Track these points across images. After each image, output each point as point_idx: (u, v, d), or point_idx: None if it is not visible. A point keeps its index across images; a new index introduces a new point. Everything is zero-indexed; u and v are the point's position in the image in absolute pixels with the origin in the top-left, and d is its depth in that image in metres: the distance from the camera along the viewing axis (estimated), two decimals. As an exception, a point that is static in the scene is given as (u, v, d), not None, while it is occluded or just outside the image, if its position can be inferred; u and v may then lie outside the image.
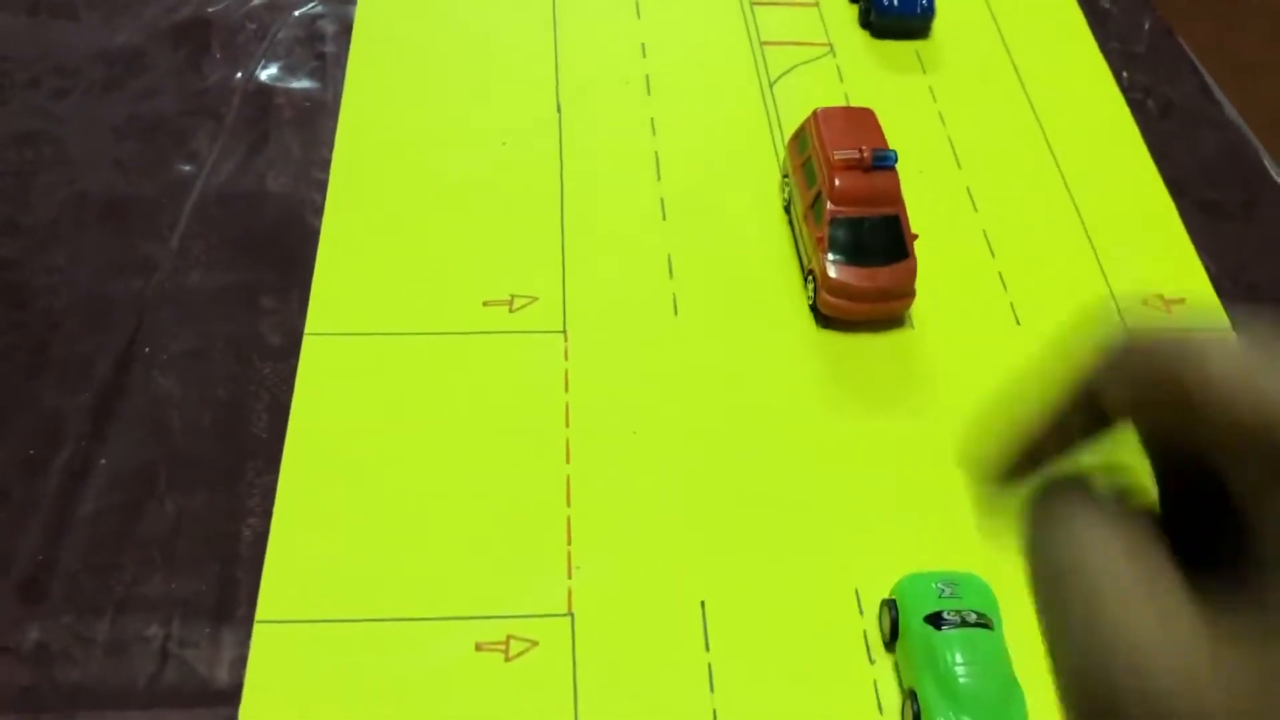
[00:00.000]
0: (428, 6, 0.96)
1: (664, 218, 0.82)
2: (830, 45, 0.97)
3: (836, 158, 0.76)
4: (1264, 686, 0.21)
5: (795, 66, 0.95)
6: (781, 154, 0.87)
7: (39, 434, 0.67)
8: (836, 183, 0.76)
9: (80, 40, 0.90)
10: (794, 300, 0.78)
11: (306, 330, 0.73)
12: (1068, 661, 0.23)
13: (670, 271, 0.79)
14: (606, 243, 0.80)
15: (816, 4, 1.00)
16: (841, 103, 0.92)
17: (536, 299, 0.77)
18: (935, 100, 0.93)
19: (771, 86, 0.93)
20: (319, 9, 0.95)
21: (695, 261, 0.80)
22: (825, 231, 0.75)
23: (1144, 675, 0.21)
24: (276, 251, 0.78)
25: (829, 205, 0.76)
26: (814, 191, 0.78)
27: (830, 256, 0.75)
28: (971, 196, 0.86)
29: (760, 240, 0.82)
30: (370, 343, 0.73)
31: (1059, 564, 0.25)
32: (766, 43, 0.96)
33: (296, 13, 0.94)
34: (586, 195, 0.83)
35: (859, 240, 0.75)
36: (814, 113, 0.80)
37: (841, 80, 0.94)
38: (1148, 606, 0.22)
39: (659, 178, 0.85)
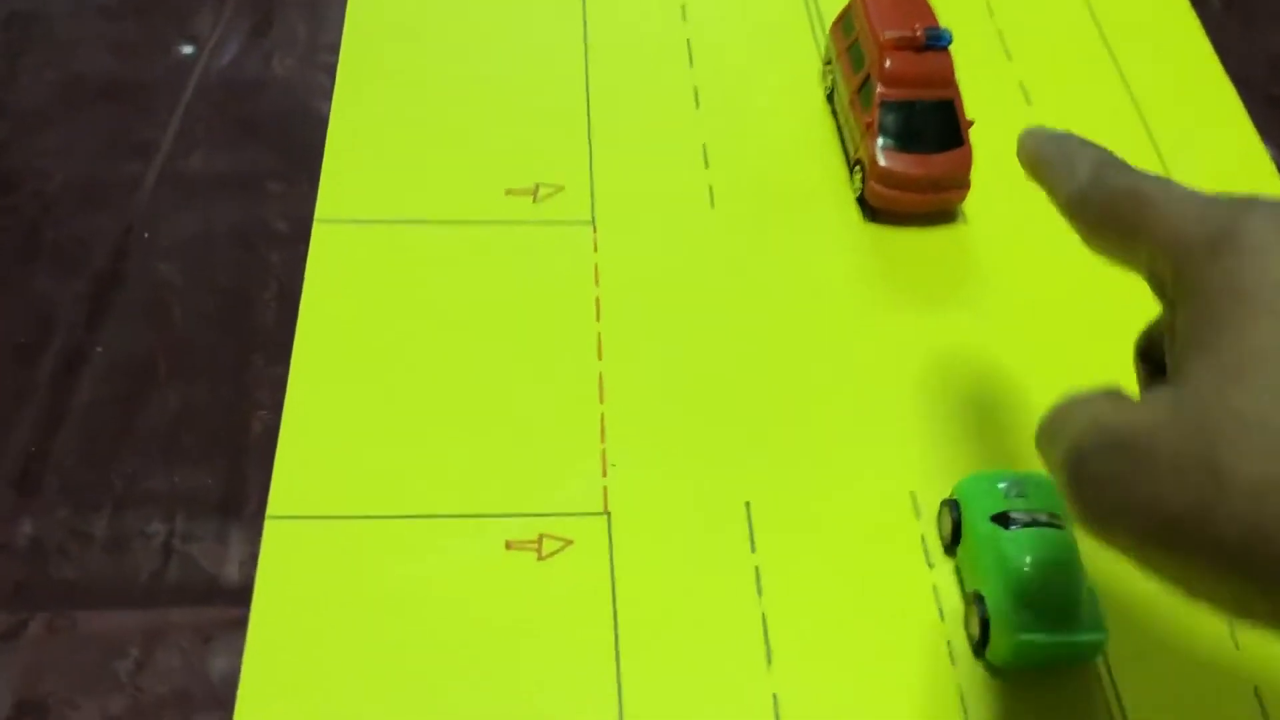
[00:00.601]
0: None
1: (697, 106, 0.77)
2: (872, -65, 0.91)
3: (886, 37, 0.70)
4: (1178, 429, 0.33)
5: (834, -45, 0.89)
6: (821, 41, 0.82)
7: (30, 321, 0.62)
8: (887, 64, 0.70)
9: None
10: (839, 192, 0.73)
11: (316, 216, 0.68)
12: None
13: (705, 161, 0.74)
14: (636, 131, 0.75)
15: (855, -108, 0.94)
16: None
17: (562, 188, 0.71)
18: (985, -6, 0.88)
19: (812, -19, 0.87)
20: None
21: (732, 151, 0.74)
22: (875, 116, 0.70)
23: (1106, 430, 0.37)
24: (283, 136, 0.72)
25: (879, 88, 0.70)
26: (861, 75, 0.72)
27: (880, 143, 0.70)
28: (1024, 89, 0.81)
29: (801, 130, 0.76)
30: (385, 230, 0.68)
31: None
32: (802, -68, 0.91)
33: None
34: (614, 80, 0.77)
35: (911, 125, 0.70)
36: (860, -8, 0.75)
37: (884, -30, 0.88)
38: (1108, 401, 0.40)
39: (691, 64, 0.79)
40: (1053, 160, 0.48)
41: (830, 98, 0.77)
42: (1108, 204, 0.43)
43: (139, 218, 0.67)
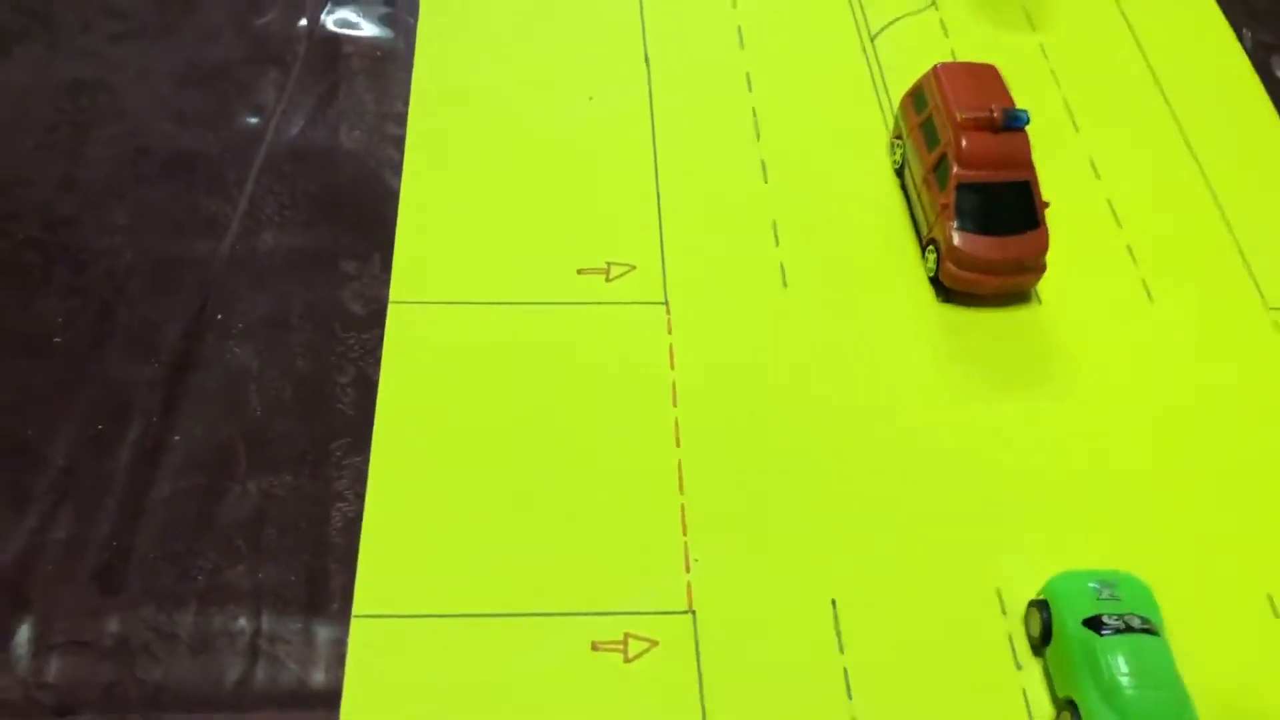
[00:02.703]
0: None
1: (765, 180, 0.76)
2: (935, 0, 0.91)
3: (963, 117, 0.70)
4: None
5: (897, 20, 0.88)
6: (887, 113, 0.81)
7: (106, 409, 0.61)
8: (964, 144, 0.70)
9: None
10: (911, 271, 0.72)
11: (391, 298, 0.67)
12: None
13: (776, 239, 0.73)
14: (706, 206, 0.74)
15: (916, -46, 0.94)
16: (948, 58, 0.86)
17: (634, 267, 0.71)
18: (1047, 58, 0.87)
19: (873, 40, 0.86)
20: (386, -48, 0.89)
21: (802, 228, 0.74)
22: (951, 197, 0.69)
23: None
24: (354, 212, 0.72)
25: (956, 168, 0.70)
26: (937, 153, 0.72)
27: (956, 224, 0.69)
28: (1093, 163, 0.80)
29: (871, 206, 0.76)
30: (459, 312, 0.67)
31: None
32: (866, -6, 0.90)
33: (362, -44, 0.88)
34: (681, 154, 0.77)
35: (988, 207, 0.69)
36: (934, 68, 0.74)
37: (946, 35, 0.88)
38: None
39: (758, 137, 0.79)
40: None
41: (900, 172, 0.77)
42: None
43: (211, 297, 0.67)
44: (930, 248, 0.72)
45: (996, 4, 0.90)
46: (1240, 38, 0.90)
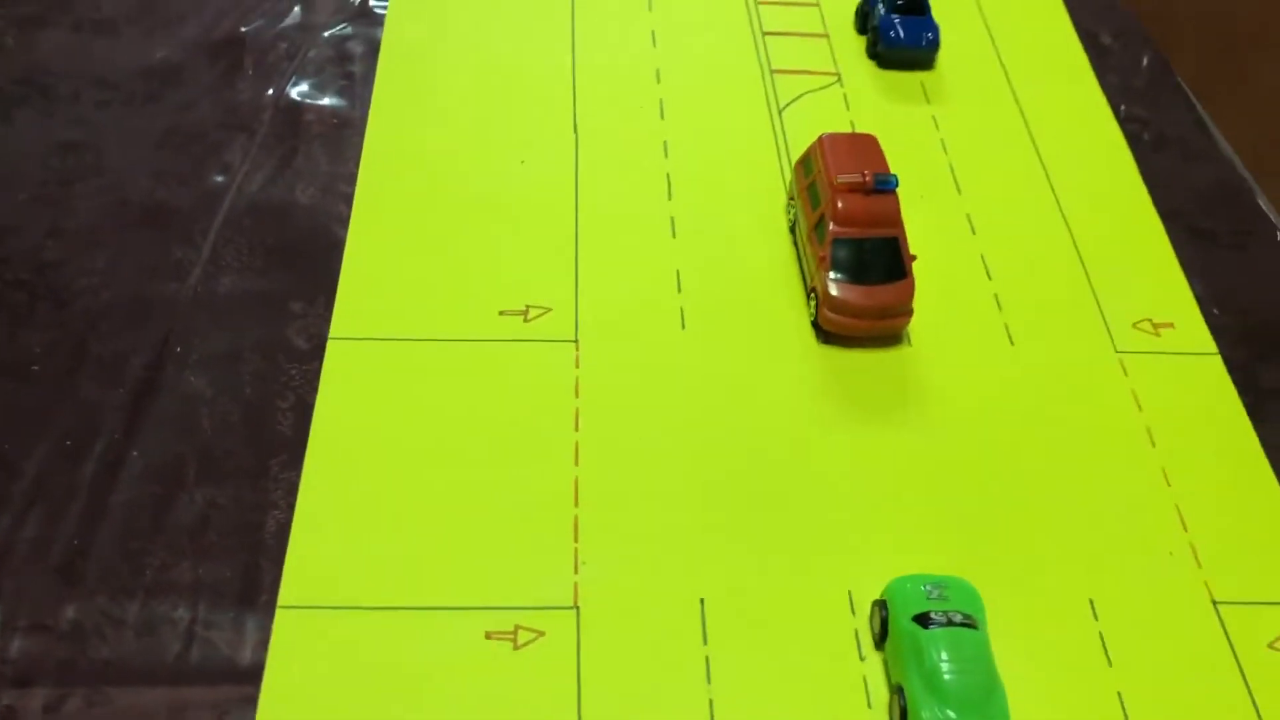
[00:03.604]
0: (452, 31, 1.00)
1: (674, 235, 0.86)
2: (838, 74, 1.01)
3: (840, 181, 0.79)
4: None
5: (804, 94, 0.99)
6: (788, 175, 0.91)
7: (77, 427, 0.71)
8: (839, 205, 0.79)
9: (120, 55, 0.94)
10: (797, 316, 0.81)
11: (331, 334, 0.77)
12: None
13: (679, 286, 0.82)
14: (619, 258, 0.84)
15: (826, 35, 1.04)
16: (847, 129, 0.95)
17: (550, 309, 0.80)
18: (938, 129, 0.97)
19: (780, 113, 0.96)
20: (348, 30, 0.99)
21: (703, 278, 0.83)
22: (828, 251, 0.79)
23: None
24: (304, 260, 0.81)
25: (832, 226, 0.79)
26: (818, 213, 0.81)
27: (832, 275, 0.78)
28: (970, 221, 0.89)
29: (766, 259, 0.85)
30: (391, 348, 0.76)
31: None
32: (777, 71, 1.00)
33: (326, 33, 0.98)
34: (601, 212, 0.87)
35: (860, 260, 0.79)
36: (820, 138, 0.84)
37: (848, 108, 0.98)
38: None
39: (670, 197, 0.89)
40: None
41: (793, 230, 0.86)
42: None
43: (174, 332, 0.76)
44: (812, 295, 0.81)
45: (896, 80, 1.01)
46: (1117, 113, 1.00)
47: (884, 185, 0.79)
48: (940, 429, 0.76)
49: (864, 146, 0.83)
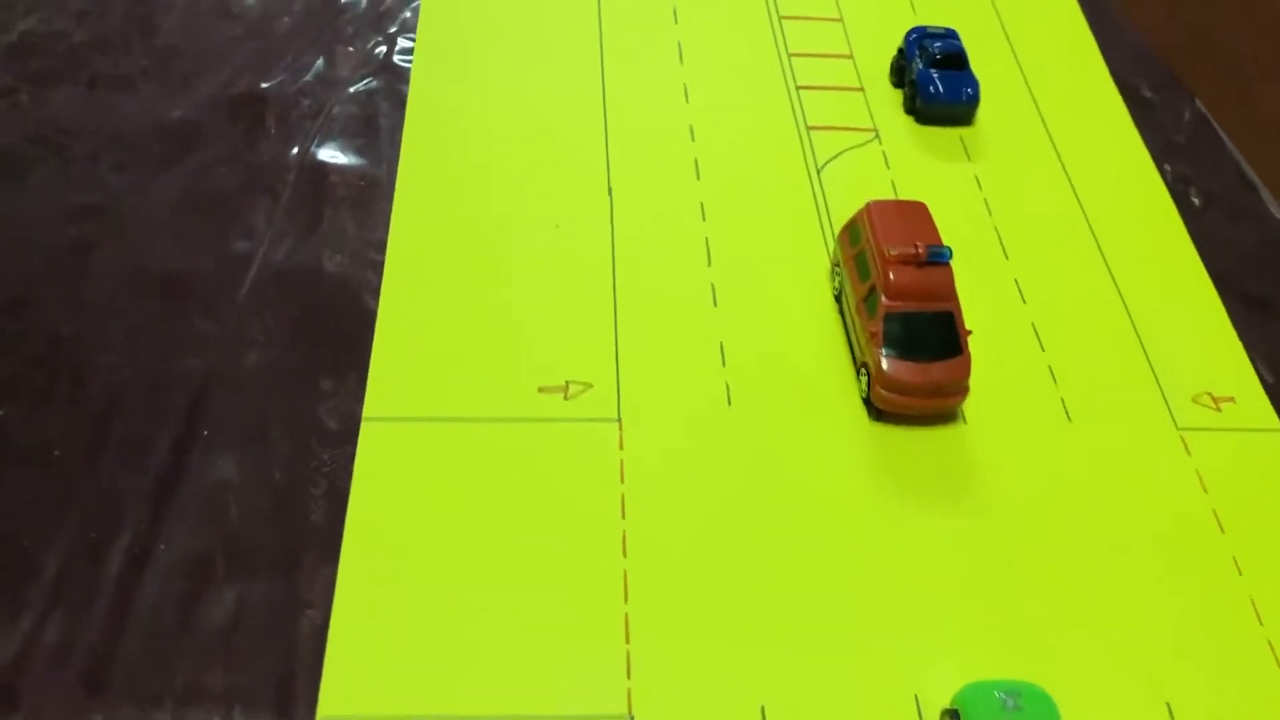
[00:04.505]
0: (479, 85, 0.97)
1: (715, 304, 0.83)
2: (876, 131, 0.98)
3: (891, 253, 0.77)
4: None
5: (842, 152, 0.96)
6: (830, 241, 0.88)
7: (100, 517, 0.67)
8: (891, 277, 0.76)
9: (138, 114, 0.91)
10: (846, 391, 0.78)
11: (364, 415, 0.73)
12: None
13: (723, 359, 0.80)
14: (659, 329, 0.81)
15: (862, 89, 1.02)
16: (888, 189, 0.93)
17: (591, 385, 0.77)
18: (980, 188, 0.94)
19: (819, 172, 0.94)
20: (372, 84, 0.96)
21: (747, 349, 0.80)
22: (880, 326, 0.76)
23: None
24: (333, 333, 0.78)
25: (884, 300, 0.76)
26: (868, 285, 0.78)
27: (885, 351, 0.75)
28: (1019, 288, 0.87)
29: (811, 329, 0.82)
30: (428, 429, 0.73)
31: None
32: (813, 127, 0.98)
33: (351, 89, 0.95)
34: (639, 279, 0.84)
35: (913, 335, 0.76)
36: (866, 206, 0.81)
37: (888, 167, 0.95)
38: None
39: (709, 263, 0.86)
40: None
41: (838, 298, 0.83)
42: None
43: (199, 413, 0.72)
44: (862, 370, 0.78)
45: (935, 136, 0.98)
46: (1161, 171, 0.98)
47: (937, 257, 0.77)
48: (1000, 513, 0.73)
49: (913, 215, 0.81)
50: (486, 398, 0.75)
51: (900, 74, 1.02)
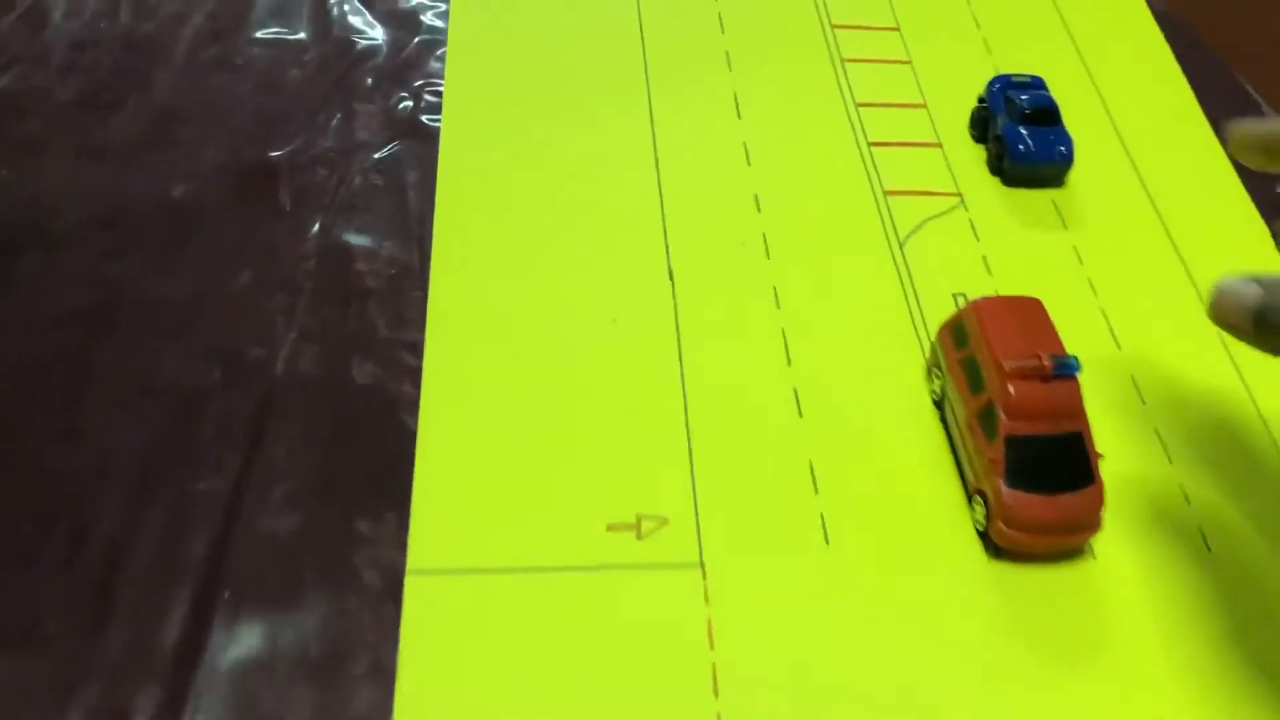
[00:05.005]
0: (517, 150, 0.86)
1: (800, 414, 0.73)
2: (960, 195, 0.88)
3: (1011, 366, 0.67)
4: None
5: (925, 222, 0.86)
6: (923, 329, 0.78)
7: (109, 709, 0.57)
8: (1012, 393, 0.66)
9: (133, 191, 0.80)
10: (957, 522, 0.69)
11: (408, 568, 0.63)
12: None
13: (814, 484, 0.70)
14: (740, 447, 0.70)
15: (939, 144, 0.92)
16: (979, 266, 0.83)
17: (666, 520, 0.67)
18: (1081, 262, 0.84)
19: (902, 247, 0.84)
20: (398, 149, 0.85)
21: (841, 471, 0.70)
22: (1000, 452, 0.66)
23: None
24: (368, 459, 0.68)
25: (1003, 419, 0.66)
26: (982, 400, 0.68)
27: (1006, 482, 0.66)
28: (1137, 386, 0.77)
29: (911, 443, 0.72)
30: (482, 583, 0.63)
31: None
32: (891, 192, 0.87)
33: (374, 155, 0.84)
34: (711, 384, 0.73)
35: (1040, 462, 0.66)
36: (974, 304, 0.71)
37: (977, 238, 0.85)
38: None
39: (789, 362, 0.76)
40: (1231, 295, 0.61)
41: (939, 404, 0.74)
42: None
43: (218, 572, 0.62)
44: (977, 499, 0.68)
45: (1024, 200, 0.88)
46: (1273, 231, 0.88)
47: (1065, 370, 0.67)
48: (1134, 668, 0.63)
49: (1028, 315, 0.70)
50: (549, 540, 0.65)
51: (982, 127, 0.92)
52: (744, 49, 0.97)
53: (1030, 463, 0.66)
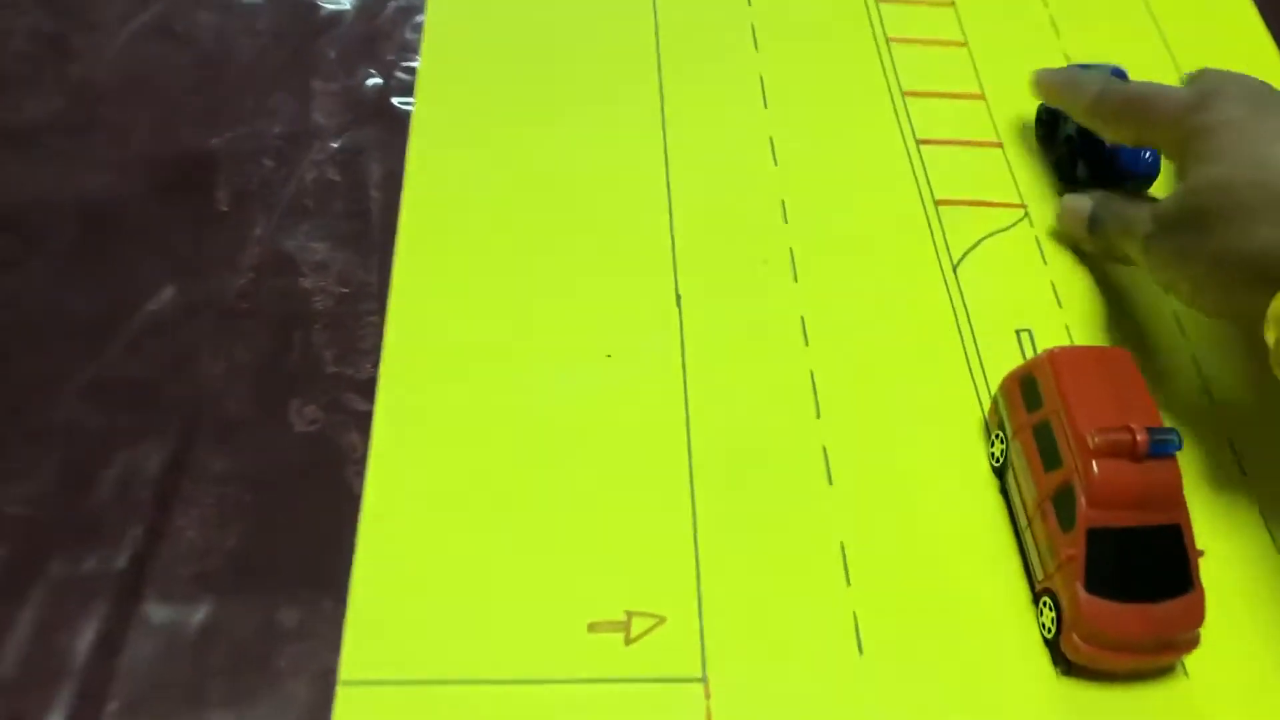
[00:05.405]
0: (503, 146, 0.72)
1: (830, 480, 0.60)
2: (1024, 206, 0.74)
3: (1096, 440, 0.54)
4: (1177, 215, 0.59)
5: (983, 239, 0.72)
6: (978, 373, 0.65)
7: None
8: (1095, 474, 0.53)
9: (43, 181, 0.67)
10: (1019, 624, 0.56)
11: (342, 676, 0.51)
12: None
13: (846, 574, 0.57)
14: (755, 522, 0.57)
15: (999, 144, 0.78)
16: (1048, 295, 0.69)
17: (663, 619, 0.54)
18: (1166, 293, 0.71)
19: (955, 269, 0.71)
20: (361, 136, 0.72)
21: (879, 559, 0.57)
22: (1080, 548, 0.53)
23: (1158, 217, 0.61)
24: (301, 533, 0.55)
25: (1084, 505, 0.53)
26: (1057, 478, 0.55)
27: (1085, 585, 0.53)
28: (1236, 454, 0.64)
29: (963, 522, 0.59)
30: (432, 696, 0.50)
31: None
32: (942, 202, 0.74)
33: (332, 144, 0.71)
34: (723, 440, 0.60)
35: (1127, 562, 0.53)
36: (1050, 356, 0.58)
37: (1045, 262, 0.71)
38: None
39: (819, 414, 0.63)
40: (1065, 84, 0.72)
41: (999, 472, 0.61)
42: (1121, 103, 0.66)
43: (106, 677, 0.50)
44: (1046, 601, 0.55)
45: (1103, 216, 0.75)
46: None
47: (1163, 448, 0.54)
48: (1249, 828, 0.52)
49: (1116, 373, 0.57)
50: (518, 644, 0.52)
51: (1050, 128, 0.78)
52: (773, 24, 0.83)
53: (1116, 562, 0.53)
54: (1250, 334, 0.57)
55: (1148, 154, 0.74)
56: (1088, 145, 0.74)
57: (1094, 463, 0.53)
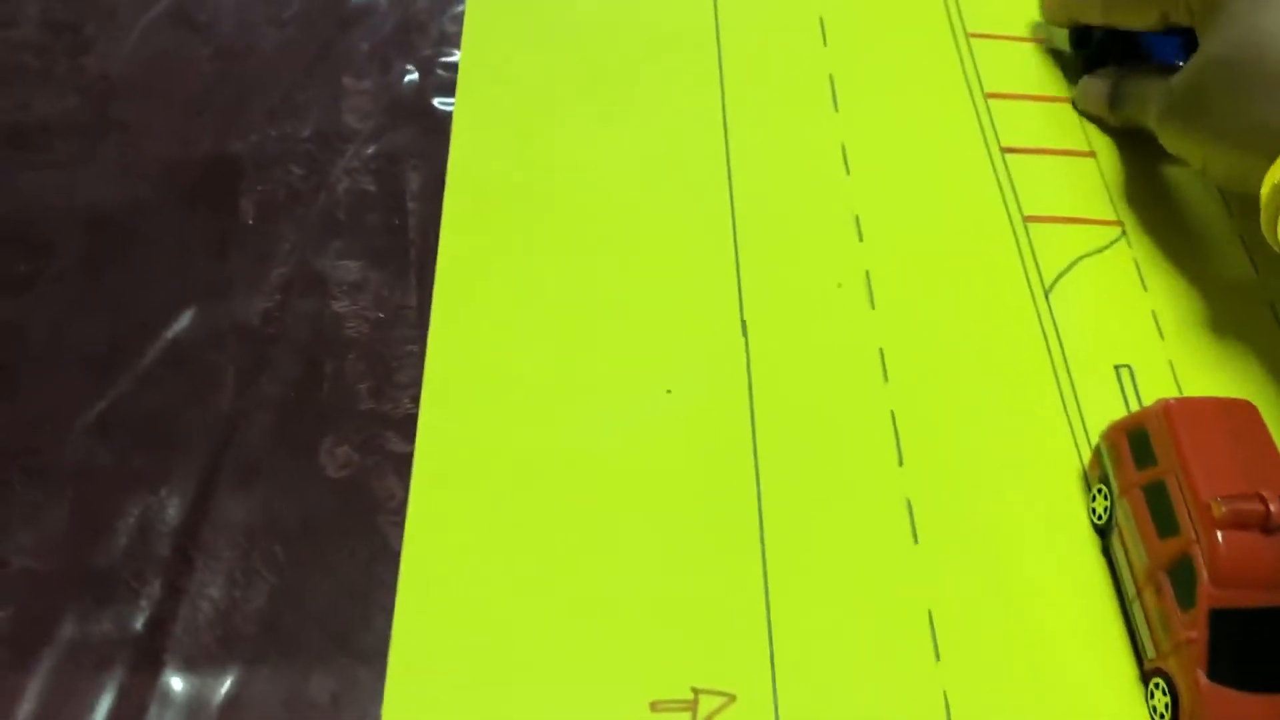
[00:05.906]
0: (553, 151, 0.66)
1: (915, 539, 0.55)
2: (1121, 225, 0.68)
3: (1221, 510, 0.48)
4: (1184, 90, 0.60)
5: (1076, 261, 0.66)
6: (1075, 416, 0.59)
7: None
8: (1220, 547, 0.48)
9: (54, 190, 0.61)
10: (1126, 703, 0.51)
11: (379, 763, 0.47)
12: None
13: (935, 649, 0.52)
14: (835, 588, 0.52)
15: (1092, 153, 0.71)
16: (1148, 324, 0.63)
17: (733, 698, 0.49)
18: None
19: (1048, 295, 0.64)
20: (398, 140, 0.66)
21: (971, 627, 0.51)
22: (1204, 629, 0.48)
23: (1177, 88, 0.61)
24: (333, 594, 0.50)
25: (1207, 584, 0.48)
26: (1174, 548, 0.50)
27: (1210, 672, 0.48)
28: (1363, 508, 0.58)
29: (1062, 587, 0.53)
30: (479, 787, 0.47)
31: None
32: (1031, 218, 0.68)
33: (367, 149, 0.65)
34: (797, 491, 0.55)
35: (1256, 647, 0.47)
36: (1164, 407, 0.52)
37: (1145, 287, 0.65)
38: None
39: (900, 460, 0.57)
40: None
41: (1103, 533, 0.55)
42: None
43: (119, 744, 0.46)
44: (1158, 683, 0.50)
45: (1204, 229, 0.68)
46: None
47: (1298, 520, 0.48)
48: None
49: (1240, 429, 0.51)
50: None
51: (1082, 34, 0.72)
52: (843, 17, 0.77)
53: (1243, 648, 0.47)
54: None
55: (1180, 42, 0.68)
56: (1119, 42, 0.70)
57: (1219, 534, 0.47)
